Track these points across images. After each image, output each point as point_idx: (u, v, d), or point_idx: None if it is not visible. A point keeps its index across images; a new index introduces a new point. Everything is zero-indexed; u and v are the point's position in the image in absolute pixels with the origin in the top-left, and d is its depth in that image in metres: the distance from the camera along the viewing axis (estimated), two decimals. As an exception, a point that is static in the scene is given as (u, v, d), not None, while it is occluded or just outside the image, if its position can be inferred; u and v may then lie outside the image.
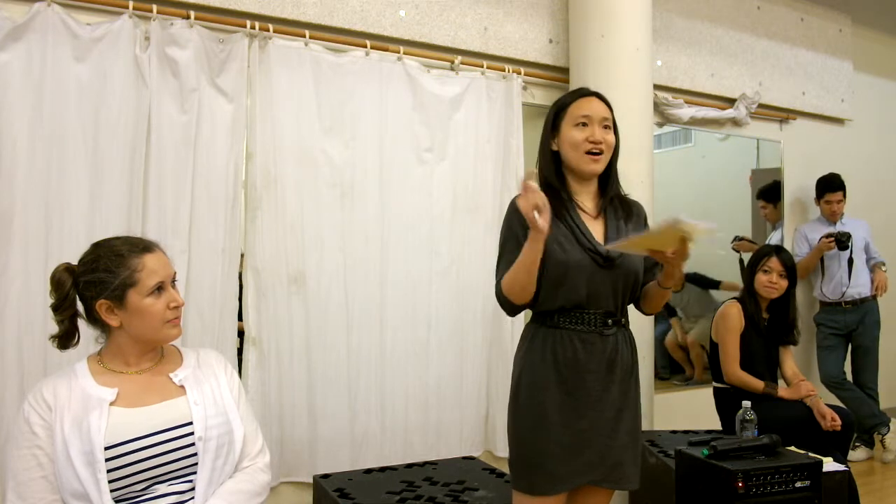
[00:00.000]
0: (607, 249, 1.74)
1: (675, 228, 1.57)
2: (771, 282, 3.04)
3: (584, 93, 1.85)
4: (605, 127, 1.81)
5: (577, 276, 1.74)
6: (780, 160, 4.55)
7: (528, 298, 1.76)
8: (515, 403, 1.82)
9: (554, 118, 1.84)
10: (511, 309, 1.81)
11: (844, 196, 4.29)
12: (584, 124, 1.79)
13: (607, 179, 1.86)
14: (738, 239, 4.38)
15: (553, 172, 1.83)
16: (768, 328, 3.11)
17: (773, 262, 3.05)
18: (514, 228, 1.79)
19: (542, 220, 1.58)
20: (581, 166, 1.80)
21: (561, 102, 1.86)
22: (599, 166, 1.81)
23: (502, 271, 1.79)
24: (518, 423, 1.80)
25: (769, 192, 4.56)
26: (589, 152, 1.78)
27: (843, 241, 4.13)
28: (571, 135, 1.79)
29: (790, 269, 3.07)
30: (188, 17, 2.63)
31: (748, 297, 3.10)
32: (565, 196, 1.81)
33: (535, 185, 1.59)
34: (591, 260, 1.75)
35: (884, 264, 4.37)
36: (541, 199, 1.57)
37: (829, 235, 4.17)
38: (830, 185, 4.27)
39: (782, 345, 3.14)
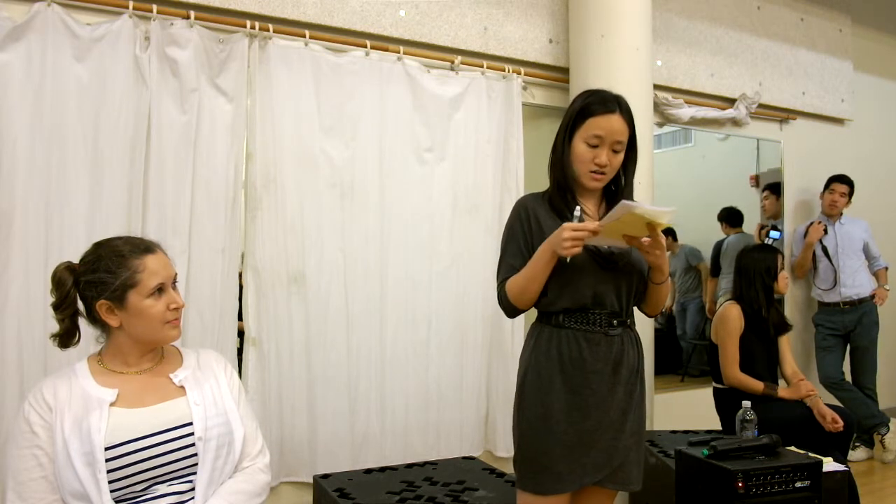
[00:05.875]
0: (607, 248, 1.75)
1: (632, 214, 1.60)
2: (786, 279, 3.18)
3: (608, 108, 1.75)
4: (615, 150, 1.77)
5: (580, 277, 1.75)
6: (780, 160, 4.55)
7: (532, 305, 1.81)
8: (521, 403, 1.82)
9: (572, 123, 1.79)
10: (512, 311, 1.83)
11: (849, 195, 4.30)
12: (595, 145, 1.75)
13: (615, 189, 1.86)
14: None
15: (562, 171, 1.82)
16: (768, 326, 3.11)
17: (784, 261, 3.21)
18: (516, 231, 1.81)
19: (575, 251, 1.63)
20: (583, 180, 1.81)
21: (583, 109, 1.77)
22: (600, 184, 1.81)
23: (504, 274, 1.81)
24: (524, 422, 1.80)
25: (776, 186, 4.59)
26: (592, 171, 1.78)
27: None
28: (580, 150, 1.77)
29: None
30: (188, 17, 2.63)
31: (763, 299, 3.09)
32: (570, 196, 1.81)
33: (584, 227, 1.63)
34: (593, 261, 1.75)
35: (887, 269, 4.37)
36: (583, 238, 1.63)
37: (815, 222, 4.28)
38: (838, 177, 4.31)
39: (779, 335, 3.16)
